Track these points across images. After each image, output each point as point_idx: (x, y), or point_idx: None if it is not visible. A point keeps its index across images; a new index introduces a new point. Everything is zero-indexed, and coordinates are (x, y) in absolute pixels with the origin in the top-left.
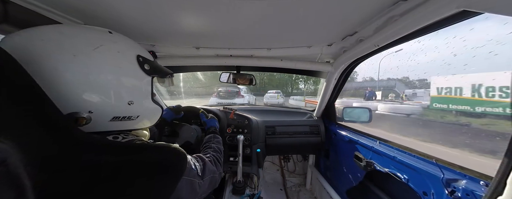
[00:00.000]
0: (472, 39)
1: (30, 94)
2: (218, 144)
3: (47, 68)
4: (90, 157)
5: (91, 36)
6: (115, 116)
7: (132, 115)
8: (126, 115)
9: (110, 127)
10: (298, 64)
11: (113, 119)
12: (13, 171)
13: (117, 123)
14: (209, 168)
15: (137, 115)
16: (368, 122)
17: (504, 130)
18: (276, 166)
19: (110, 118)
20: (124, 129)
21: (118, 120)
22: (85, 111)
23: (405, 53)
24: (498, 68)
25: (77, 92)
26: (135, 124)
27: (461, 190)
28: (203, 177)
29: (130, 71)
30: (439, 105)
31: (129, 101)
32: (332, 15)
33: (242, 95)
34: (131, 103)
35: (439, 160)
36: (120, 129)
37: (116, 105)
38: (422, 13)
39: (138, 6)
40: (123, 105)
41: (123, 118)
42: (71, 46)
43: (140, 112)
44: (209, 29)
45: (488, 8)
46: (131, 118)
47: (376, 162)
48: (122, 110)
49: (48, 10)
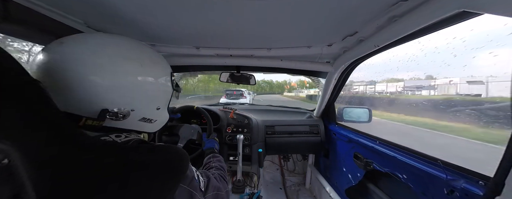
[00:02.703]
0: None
1: (31, 95)
2: (219, 162)
3: (109, 71)
4: (91, 158)
5: (147, 50)
6: (144, 116)
7: (153, 118)
8: (151, 118)
9: (135, 125)
10: (298, 64)
11: (142, 119)
12: (13, 171)
13: (142, 123)
14: (213, 184)
15: (156, 119)
16: (368, 122)
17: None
18: (276, 165)
19: (140, 118)
20: (140, 130)
21: (144, 120)
22: (129, 108)
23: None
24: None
25: (130, 92)
26: (151, 127)
27: (460, 190)
28: (206, 193)
29: (166, 83)
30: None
31: (158, 106)
32: (332, 15)
33: (245, 96)
34: (158, 108)
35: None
36: (139, 129)
37: (150, 107)
38: (422, 14)
39: (138, 6)
40: (153, 109)
41: (148, 119)
42: (136, 55)
43: (159, 117)
44: (209, 29)
45: (488, 9)
46: (152, 120)
47: (376, 162)
48: (151, 113)
49: (49, 10)
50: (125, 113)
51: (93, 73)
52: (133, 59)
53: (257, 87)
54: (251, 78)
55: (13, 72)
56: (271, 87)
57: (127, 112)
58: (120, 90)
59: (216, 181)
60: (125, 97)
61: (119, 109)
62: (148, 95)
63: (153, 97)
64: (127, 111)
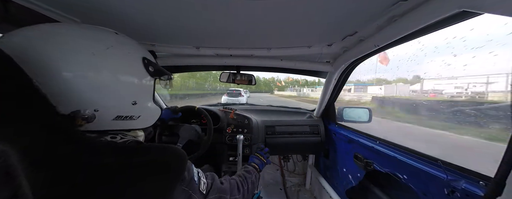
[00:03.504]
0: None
1: (28, 94)
2: (246, 172)
3: (55, 67)
4: (89, 158)
5: (103, 37)
6: (118, 114)
7: (134, 115)
8: (129, 115)
9: (111, 125)
10: (298, 64)
11: (116, 118)
12: (11, 172)
13: (119, 122)
14: (217, 187)
15: (139, 115)
16: (368, 122)
17: None
18: (276, 166)
19: (113, 117)
20: (124, 128)
21: (121, 119)
22: (91, 109)
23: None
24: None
25: (85, 90)
26: (136, 124)
27: (461, 190)
28: (207, 195)
29: (137, 72)
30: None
31: (133, 101)
32: (332, 15)
33: (242, 95)
34: (134, 103)
35: (444, 162)
36: (121, 128)
37: (121, 104)
38: (422, 14)
39: (138, 5)
40: (127, 105)
41: (125, 117)
42: (87, 45)
43: (142, 112)
44: (209, 29)
45: (488, 9)
46: (133, 117)
47: (376, 162)
48: (126, 110)
49: (48, 10)
50: (89, 114)
51: (40, 71)
52: (81, 50)
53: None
54: (251, 78)
55: (10, 72)
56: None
57: (91, 114)
58: (70, 89)
59: (221, 184)
60: (80, 96)
61: (81, 111)
62: (109, 90)
63: (120, 91)
64: (91, 113)
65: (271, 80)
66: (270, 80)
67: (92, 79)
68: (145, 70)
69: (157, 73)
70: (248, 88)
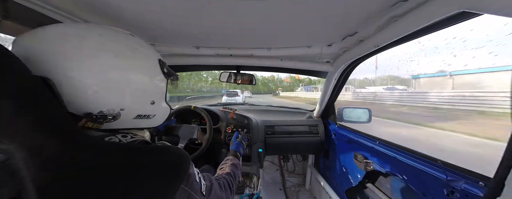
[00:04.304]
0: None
1: (33, 94)
2: (233, 168)
3: (80, 67)
4: (94, 158)
5: (122, 38)
6: (139, 114)
7: (150, 114)
8: (147, 114)
9: (131, 124)
10: (298, 64)
11: (136, 116)
12: (14, 172)
13: (139, 120)
14: (216, 192)
15: (155, 114)
16: (367, 122)
17: None
18: (276, 166)
19: (134, 116)
20: (138, 127)
21: (140, 117)
22: (118, 108)
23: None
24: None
25: (114, 91)
26: (150, 123)
27: (460, 190)
28: (207, 197)
29: (156, 73)
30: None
31: (152, 101)
32: (332, 15)
33: (239, 95)
34: (152, 103)
35: (443, 162)
36: (136, 126)
37: (142, 103)
38: (422, 14)
39: (138, 5)
40: (147, 104)
41: (144, 116)
42: (111, 47)
43: (157, 111)
44: (209, 28)
45: (488, 9)
46: (150, 116)
47: (376, 162)
48: (146, 109)
49: (49, 9)
50: (115, 114)
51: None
52: (105, 50)
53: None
54: (251, 78)
55: (15, 71)
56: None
57: (117, 113)
58: (99, 89)
59: (219, 189)
60: (108, 96)
61: (107, 110)
62: (135, 90)
63: (142, 91)
64: (117, 112)
65: (271, 78)
66: (271, 78)
67: (118, 80)
68: (161, 71)
69: (169, 74)
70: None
